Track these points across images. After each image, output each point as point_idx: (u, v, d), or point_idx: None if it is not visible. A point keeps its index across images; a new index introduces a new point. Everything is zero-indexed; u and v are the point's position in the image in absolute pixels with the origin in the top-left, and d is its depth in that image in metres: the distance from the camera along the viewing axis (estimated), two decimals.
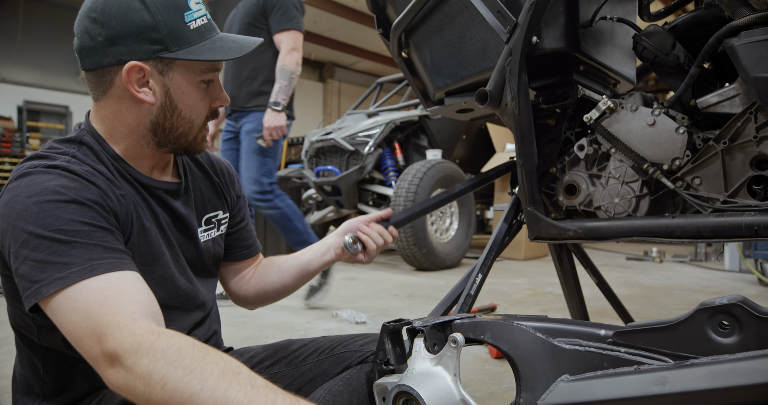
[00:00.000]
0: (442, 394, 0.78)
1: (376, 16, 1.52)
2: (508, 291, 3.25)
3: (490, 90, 1.16)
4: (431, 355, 0.83)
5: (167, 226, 0.90)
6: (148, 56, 0.80)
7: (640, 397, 0.64)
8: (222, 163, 1.09)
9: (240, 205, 1.10)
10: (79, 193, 0.73)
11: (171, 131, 0.86)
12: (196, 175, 1.02)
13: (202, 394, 0.59)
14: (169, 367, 0.60)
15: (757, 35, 0.83)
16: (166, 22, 0.79)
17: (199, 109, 0.87)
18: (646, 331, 0.70)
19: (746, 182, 0.96)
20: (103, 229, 0.73)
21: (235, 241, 1.10)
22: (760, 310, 0.61)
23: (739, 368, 0.57)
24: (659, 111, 1.07)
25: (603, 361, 0.71)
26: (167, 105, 0.84)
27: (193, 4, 0.83)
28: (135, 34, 0.78)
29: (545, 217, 1.16)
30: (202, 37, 0.83)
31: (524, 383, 0.75)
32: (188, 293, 0.92)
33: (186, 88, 0.84)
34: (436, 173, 4.18)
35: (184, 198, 0.96)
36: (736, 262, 4.35)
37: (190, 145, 0.90)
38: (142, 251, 0.83)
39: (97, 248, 0.70)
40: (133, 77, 0.80)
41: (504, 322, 0.79)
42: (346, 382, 0.93)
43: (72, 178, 0.74)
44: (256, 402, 0.59)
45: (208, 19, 0.85)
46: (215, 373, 0.61)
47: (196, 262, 0.96)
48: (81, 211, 0.72)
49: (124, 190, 0.83)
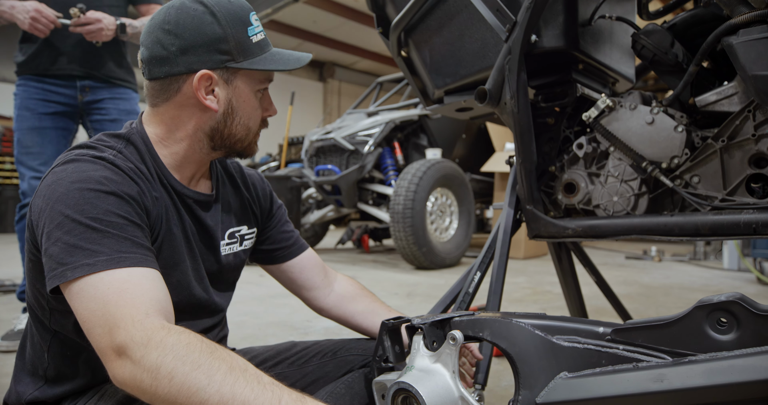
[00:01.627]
0: (440, 391, 0.78)
1: (375, 15, 1.52)
2: (508, 289, 3.25)
3: (490, 88, 1.16)
4: (430, 352, 0.82)
5: (192, 235, 0.93)
6: (217, 65, 0.85)
7: (638, 394, 0.64)
8: (254, 176, 1.12)
9: (275, 212, 1.12)
10: (120, 187, 0.76)
11: (229, 137, 0.91)
12: (228, 189, 1.04)
13: (209, 388, 0.60)
14: (178, 362, 0.61)
15: (755, 33, 0.83)
16: (233, 35, 0.85)
17: (255, 117, 0.92)
18: (645, 328, 0.70)
19: (744, 180, 0.96)
20: (135, 224, 0.75)
21: (275, 243, 1.11)
22: (757, 307, 0.61)
23: (737, 365, 0.57)
24: (658, 109, 1.07)
25: (601, 358, 0.71)
26: (229, 112, 0.89)
27: (253, 20, 0.89)
28: (206, 45, 0.84)
29: (544, 216, 1.17)
30: (262, 50, 0.89)
31: (523, 380, 0.75)
32: (201, 302, 0.94)
33: (246, 97, 0.90)
34: (435, 172, 4.18)
35: (213, 211, 0.99)
36: (735, 261, 4.35)
37: (244, 150, 0.95)
38: (165, 254, 0.86)
39: (126, 241, 0.72)
40: (202, 84, 0.85)
41: (502, 320, 0.79)
42: (348, 385, 0.94)
43: (115, 172, 0.78)
44: (262, 397, 0.60)
45: (264, 36, 0.91)
46: (222, 368, 0.62)
47: (214, 273, 0.98)
48: (119, 204, 0.75)
49: (159, 194, 0.87)
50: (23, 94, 2.05)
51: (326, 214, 5.20)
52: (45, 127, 2.05)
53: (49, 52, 2.05)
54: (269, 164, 7.46)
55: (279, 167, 6.85)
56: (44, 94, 2.06)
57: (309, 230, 5.60)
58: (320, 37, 12.06)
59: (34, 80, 2.05)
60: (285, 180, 4.45)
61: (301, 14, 10.62)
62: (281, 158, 6.81)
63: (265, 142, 14.24)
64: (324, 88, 14.31)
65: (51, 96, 2.06)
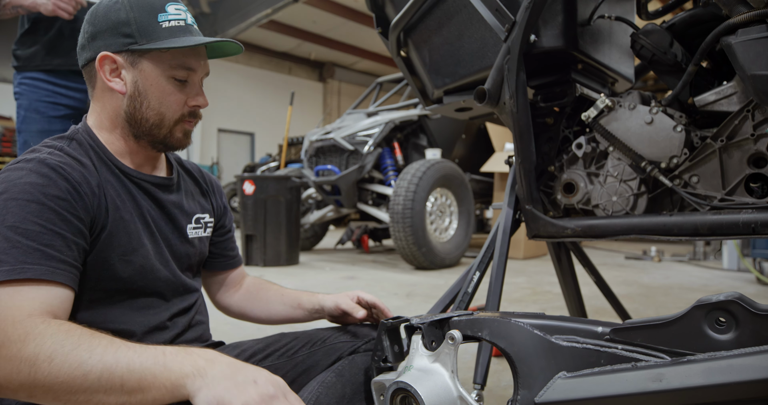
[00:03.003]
0: (439, 391, 0.78)
1: (375, 15, 1.52)
2: (507, 290, 3.25)
3: (489, 88, 1.16)
4: (429, 352, 0.82)
5: (152, 218, 0.94)
6: (120, 48, 0.87)
7: (637, 393, 0.64)
8: (209, 174, 1.17)
9: (226, 214, 1.17)
10: (44, 190, 0.77)
11: (143, 122, 0.91)
12: (187, 180, 1.07)
13: (91, 360, 0.63)
14: (57, 345, 0.63)
15: (754, 33, 0.83)
16: (137, 19, 0.87)
17: (170, 103, 0.91)
18: (644, 327, 0.70)
19: (743, 180, 0.96)
20: (54, 233, 0.75)
21: (221, 250, 1.15)
22: (756, 307, 0.61)
23: (735, 365, 0.57)
24: (657, 109, 1.07)
25: (600, 358, 0.71)
26: (136, 95, 0.90)
27: (172, 9, 0.90)
28: (110, 29, 0.87)
29: (543, 216, 1.16)
30: (171, 35, 0.88)
31: (522, 380, 0.75)
32: (168, 284, 0.95)
33: (154, 81, 0.89)
34: (435, 172, 4.18)
35: (176, 194, 1.01)
36: (734, 261, 4.35)
37: (166, 139, 0.93)
38: (120, 241, 0.87)
39: (36, 253, 0.73)
40: (106, 67, 0.89)
41: (501, 320, 0.79)
42: (338, 373, 0.95)
43: (42, 174, 0.78)
44: (145, 354, 0.65)
45: (186, 24, 0.90)
46: (103, 343, 0.66)
47: (182, 255, 1.00)
48: (39, 212, 0.75)
49: (106, 182, 0.88)
50: (31, 94, 1.98)
51: (326, 215, 5.19)
52: (54, 130, 2.01)
53: (62, 47, 1.97)
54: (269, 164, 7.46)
55: (279, 167, 6.84)
56: (54, 96, 2.00)
57: (309, 230, 5.60)
58: (320, 37, 12.06)
59: (44, 81, 1.98)
60: (284, 180, 4.45)
61: (300, 14, 10.63)
62: (281, 158, 6.80)
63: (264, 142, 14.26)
64: (324, 89, 14.31)
65: (61, 99, 2.02)
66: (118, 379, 0.63)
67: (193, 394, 0.63)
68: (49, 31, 1.98)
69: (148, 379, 0.63)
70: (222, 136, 12.44)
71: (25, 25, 1.99)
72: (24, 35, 2.00)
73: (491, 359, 1.10)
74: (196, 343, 1.02)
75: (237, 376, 0.66)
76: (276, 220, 4.38)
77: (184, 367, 0.65)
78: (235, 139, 12.74)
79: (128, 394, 0.63)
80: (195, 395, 0.63)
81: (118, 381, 0.63)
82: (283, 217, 4.40)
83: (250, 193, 4.38)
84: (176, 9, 0.90)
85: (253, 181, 4.39)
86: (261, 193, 4.36)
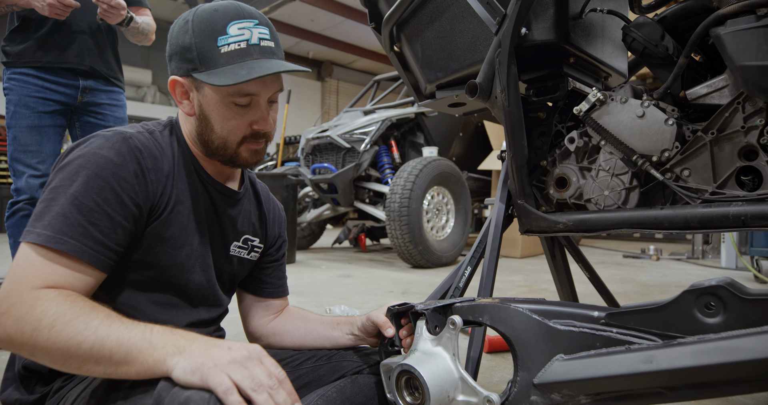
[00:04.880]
0: (441, 372, 0.82)
1: (368, 11, 1.52)
2: (504, 287, 3.25)
3: (480, 82, 1.15)
4: (432, 336, 0.87)
5: (208, 223, 0.96)
6: (185, 73, 0.89)
7: (629, 374, 0.67)
8: (277, 203, 1.18)
9: (280, 244, 1.17)
10: (114, 169, 0.81)
11: (209, 143, 0.93)
12: (251, 200, 1.09)
13: (86, 331, 0.68)
14: (59, 314, 0.69)
15: (743, 23, 0.82)
16: (197, 45, 0.87)
17: (231, 128, 0.91)
18: (637, 312, 0.73)
19: (734, 173, 0.95)
20: (104, 213, 0.79)
21: (268, 277, 1.15)
22: (744, 292, 0.63)
23: (722, 347, 0.60)
24: (649, 103, 1.06)
25: (596, 341, 0.74)
26: (202, 117, 0.91)
27: (234, 29, 0.87)
28: (179, 53, 0.89)
29: (536, 210, 1.16)
30: (230, 61, 0.86)
31: (521, 362, 0.79)
32: (202, 289, 0.96)
33: (215, 106, 0.90)
34: (432, 170, 4.17)
35: (236, 209, 1.03)
36: (732, 260, 4.36)
37: (233, 159, 0.94)
38: (171, 232, 0.90)
39: (79, 228, 0.77)
40: (177, 90, 0.92)
41: (501, 305, 0.83)
42: (340, 390, 0.95)
43: (119, 152, 0.83)
44: (135, 330, 0.69)
45: (248, 45, 0.87)
46: (100, 316, 0.70)
47: (219, 267, 1.01)
48: (100, 189, 0.79)
49: (179, 174, 0.91)
50: (21, 90, 1.99)
51: (323, 213, 5.19)
52: (44, 125, 2.02)
53: (54, 44, 1.99)
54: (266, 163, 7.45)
55: (276, 166, 6.84)
56: (44, 92, 2.01)
57: (305, 229, 5.59)
58: (318, 35, 12.05)
59: (34, 76, 1.99)
60: (281, 178, 4.44)
61: (298, 12, 10.61)
62: (278, 157, 6.79)
63: None
64: (322, 87, 14.30)
65: (51, 95, 2.02)
66: (107, 351, 0.67)
67: (171, 369, 0.66)
68: (40, 29, 1.98)
69: (134, 353, 0.67)
70: None
71: (15, 21, 2.00)
72: (14, 32, 2.01)
73: (482, 355, 1.09)
74: None
75: (212, 347, 0.68)
76: None
77: (167, 346, 0.68)
78: None
79: (115, 366, 0.68)
80: (173, 370, 0.66)
81: (107, 352, 0.67)
82: None
83: None
84: (240, 28, 0.87)
85: None
86: None
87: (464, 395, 0.81)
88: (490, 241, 1.23)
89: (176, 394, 0.63)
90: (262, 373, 0.67)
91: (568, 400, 0.75)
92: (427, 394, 0.80)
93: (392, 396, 0.89)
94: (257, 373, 0.66)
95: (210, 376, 0.63)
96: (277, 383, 0.67)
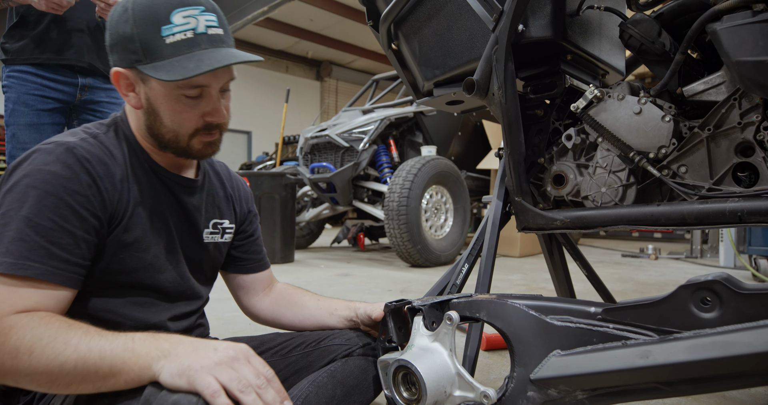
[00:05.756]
0: (438, 368, 0.83)
1: (366, 9, 1.51)
2: (503, 286, 3.25)
3: (477, 79, 1.15)
4: (429, 332, 0.87)
5: (172, 218, 0.94)
6: (129, 65, 0.85)
7: (626, 369, 0.68)
8: (239, 179, 1.16)
9: (250, 219, 1.16)
10: (65, 184, 0.77)
11: (160, 137, 0.89)
12: (213, 182, 1.07)
13: (66, 351, 0.67)
14: (35, 339, 0.67)
15: (739, 19, 0.82)
16: (140, 35, 0.82)
17: (182, 121, 0.87)
18: (633, 307, 0.74)
19: (731, 169, 0.95)
20: (64, 230, 0.76)
21: (245, 254, 1.14)
22: (740, 287, 0.63)
23: (718, 341, 0.60)
24: (646, 99, 1.06)
25: (593, 336, 0.75)
26: (150, 111, 0.88)
27: (179, 18, 0.82)
28: (120, 44, 0.84)
29: (533, 208, 1.16)
30: (176, 53, 0.82)
31: (518, 358, 0.79)
32: (175, 285, 0.95)
33: (163, 99, 0.86)
34: (430, 169, 4.17)
35: (198, 197, 1.00)
36: (730, 258, 4.36)
37: (186, 151, 0.91)
38: (134, 236, 0.87)
39: (41, 250, 0.74)
40: (121, 82, 0.87)
41: (499, 301, 0.83)
42: (331, 374, 0.95)
43: (67, 165, 0.79)
44: (116, 342, 0.68)
45: (195, 34, 0.83)
46: (78, 334, 0.69)
47: (194, 258, 1.00)
48: (55, 206, 0.76)
49: (133, 175, 0.88)
50: (19, 87, 1.98)
51: (321, 212, 5.18)
52: (43, 123, 2.02)
53: (52, 42, 1.97)
54: (265, 163, 7.45)
55: (275, 166, 6.83)
56: (43, 90, 2.00)
57: (304, 228, 5.59)
58: (317, 35, 12.03)
59: (33, 74, 1.98)
60: (279, 177, 4.44)
61: (297, 12, 10.60)
62: (277, 156, 6.79)
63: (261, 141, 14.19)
64: (321, 87, 14.29)
65: (50, 92, 2.02)
66: (92, 367, 0.67)
67: (158, 373, 0.66)
68: (39, 26, 1.98)
69: (119, 365, 0.67)
70: None
71: (13, 18, 1.99)
72: (12, 29, 2.00)
73: (479, 352, 1.09)
74: None
75: (198, 348, 0.68)
76: (271, 218, 4.37)
77: (151, 352, 0.68)
78: (231, 137, 12.71)
79: (102, 380, 0.67)
80: (160, 374, 0.66)
81: (91, 368, 0.67)
82: (278, 215, 4.39)
83: None
84: (185, 16, 0.82)
85: (248, 178, 4.37)
86: (255, 190, 4.34)
87: (461, 391, 0.82)
88: (487, 238, 1.23)
89: (164, 398, 0.63)
90: (250, 372, 0.67)
91: (565, 395, 0.75)
92: (424, 389, 0.80)
93: (389, 392, 0.89)
94: (245, 373, 0.66)
95: (197, 379, 0.64)
96: (265, 382, 0.67)
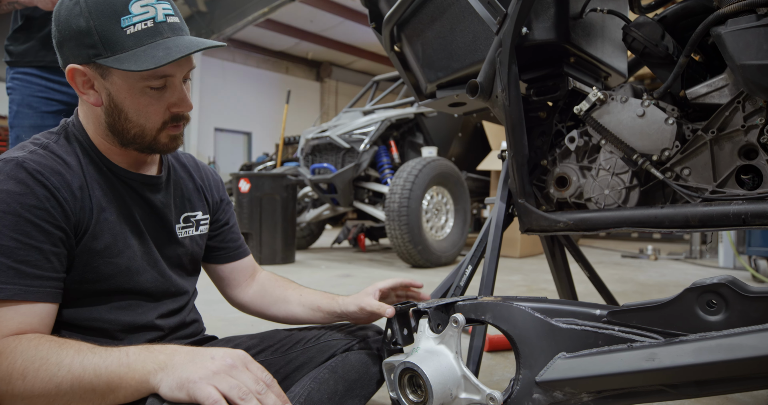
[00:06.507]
0: (444, 370, 0.83)
1: (369, 11, 1.52)
2: (503, 287, 3.25)
3: (481, 81, 1.16)
4: (435, 334, 0.88)
5: (141, 218, 0.92)
6: (86, 60, 0.80)
7: (631, 372, 0.68)
8: (207, 168, 1.14)
9: (223, 208, 1.14)
10: (21, 200, 0.75)
11: (124, 133, 0.86)
12: (179, 175, 1.04)
13: (60, 373, 0.66)
14: (27, 362, 0.67)
15: (743, 22, 0.83)
16: (98, 27, 0.78)
17: (148, 114, 0.85)
18: (639, 310, 0.74)
19: (734, 172, 0.96)
20: (30, 247, 0.74)
21: (222, 242, 1.13)
22: (746, 290, 0.63)
23: (724, 344, 0.61)
24: (649, 102, 1.07)
25: (598, 339, 0.75)
26: (113, 107, 0.84)
27: (137, 7, 0.79)
28: (74, 39, 0.80)
29: (536, 210, 1.16)
30: (139, 43, 0.79)
31: (523, 360, 0.80)
32: (157, 284, 0.94)
33: (127, 93, 0.82)
34: (431, 170, 4.17)
35: (164, 193, 0.98)
36: (730, 259, 4.36)
37: (152, 146, 0.89)
38: (104, 242, 0.85)
39: (9, 272, 0.73)
40: (77, 80, 0.83)
41: (504, 303, 0.83)
42: (332, 370, 0.95)
43: (19, 180, 0.76)
44: (110, 359, 0.68)
45: (155, 23, 0.81)
46: (70, 353, 0.68)
47: (172, 255, 0.99)
48: (15, 225, 0.74)
49: (92, 181, 0.85)
50: (24, 89, 1.96)
51: (322, 213, 5.19)
52: (47, 125, 1.99)
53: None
54: (266, 164, 7.45)
55: (275, 167, 6.84)
56: (47, 92, 1.99)
57: (305, 229, 5.59)
58: (317, 36, 12.04)
59: (37, 76, 1.97)
60: (280, 178, 4.44)
61: (297, 13, 10.61)
62: (277, 157, 6.80)
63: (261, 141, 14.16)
64: (321, 88, 14.30)
65: (54, 94, 2.00)
66: (88, 385, 0.67)
67: (157, 386, 0.66)
68: (44, 28, 1.97)
69: (115, 381, 0.67)
70: (219, 136, 12.41)
71: (18, 20, 1.98)
72: (17, 31, 1.99)
73: (483, 354, 1.10)
74: (189, 339, 1.02)
75: (195, 358, 0.68)
76: (272, 219, 4.37)
77: (147, 365, 0.68)
78: (232, 138, 12.72)
79: (101, 397, 0.67)
80: (159, 387, 0.66)
81: (88, 386, 0.67)
82: (278, 216, 4.40)
83: (246, 191, 4.37)
84: (142, 6, 0.80)
85: (249, 179, 4.38)
86: (256, 191, 4.35)
87: (467, 393, 0.82)
88: (490, 240, 1.23)
89: None
90: (249, 379, 0.67)
91: (571, 398, 0.76)
92: (430, 392, 0.80)
93: (395, 394, 0.89)
94: (244, 379, 0.66)
95: (197, 391, 0.64)
96: (265, 388, 0.67)
